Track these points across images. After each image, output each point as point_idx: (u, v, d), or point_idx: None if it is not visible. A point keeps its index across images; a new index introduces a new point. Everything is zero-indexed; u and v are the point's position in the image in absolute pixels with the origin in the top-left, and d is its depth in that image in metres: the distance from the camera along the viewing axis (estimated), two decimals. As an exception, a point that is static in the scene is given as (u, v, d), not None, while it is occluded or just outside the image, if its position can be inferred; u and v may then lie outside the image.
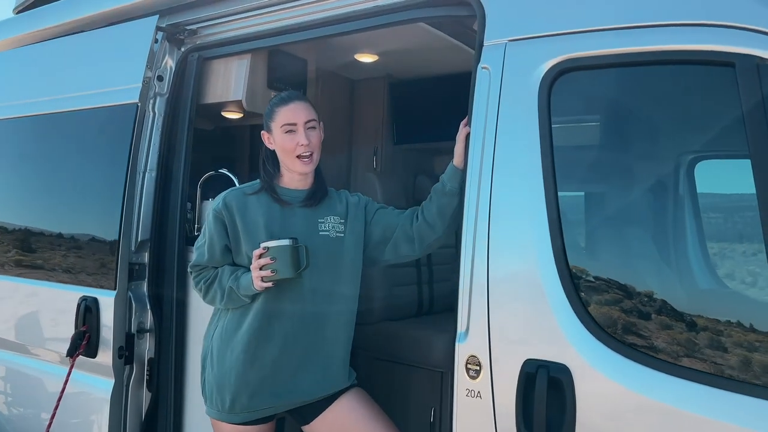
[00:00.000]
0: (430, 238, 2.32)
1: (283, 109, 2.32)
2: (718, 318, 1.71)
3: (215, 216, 2.31)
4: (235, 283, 2.24)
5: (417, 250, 2.36)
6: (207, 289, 2.34)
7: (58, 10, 3.48)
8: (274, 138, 2.34)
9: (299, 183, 2.38)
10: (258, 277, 2.17)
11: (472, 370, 1.93)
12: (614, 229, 1.97)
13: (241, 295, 2.25)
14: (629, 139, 1.99)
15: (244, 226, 2.29)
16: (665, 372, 1.67)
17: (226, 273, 2.30)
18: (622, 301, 1.80)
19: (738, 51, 1.61)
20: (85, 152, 3.12)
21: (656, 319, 1.75)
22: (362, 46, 3.68)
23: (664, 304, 1.80)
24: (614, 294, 1.82)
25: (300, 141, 2.27)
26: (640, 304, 1.79)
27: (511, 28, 2.00)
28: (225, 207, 2.30)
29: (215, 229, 2.31)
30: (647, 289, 1.84)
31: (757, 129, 1.57)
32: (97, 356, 2.91)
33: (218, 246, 2.32)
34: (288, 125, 2.29)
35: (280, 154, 2.34)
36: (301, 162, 2.29)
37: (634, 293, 1.82)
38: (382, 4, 2.45)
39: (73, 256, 3.15)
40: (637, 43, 1.76)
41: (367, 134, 4.39)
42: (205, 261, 2.34)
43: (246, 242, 2.29)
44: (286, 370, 2.29)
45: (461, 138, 2.21)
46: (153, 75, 3.00)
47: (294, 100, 2.35)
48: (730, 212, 2.12)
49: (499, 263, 1.91)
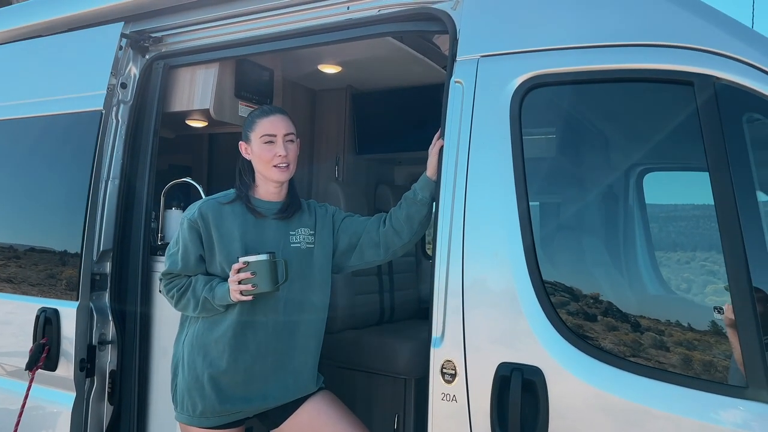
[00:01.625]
0: (396, 244, 2.40)
1: (264, 121, 2.36)
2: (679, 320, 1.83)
3: (190, 225, 2.31)
4: (210, 293, 2.25)
5: (382, 256, 2.44)
6: (179, 298, 2.33)
7: (20, 12, 3.38)
8: (252, 148, 2.37)
9: (274, 195, 2.41)
10: (236, 290, 2.19)
11: (448, 374, 1.98)
12: (582, 236, 2.07)
13: (215, 306, 2.27)
14: (596, 151, 2.10)
15: (219, 237, 2.30)
16: (631, 371, 1.77)
17: (200, 282, 2.30)
18: (590, 305, 1.89)
19: (696, 71, 1.74)
20: (48, 160, 3.04)
21: (621, 322, 1.85)
22: (326, 57, 3.72)
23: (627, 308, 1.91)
24: (583, 298, 1.91)
25: (278, 152, 2.31)
26: (607, 308, 1.89)
27: (484, 45, 2.08)
28: (201, 217, 2.31)
29: (190, 239, 2.31)
30: (613, 293, 1.94)
31: (714, 142, 1.69)
32: (57, 369, 2.83)
33: (193, 255, 2.32)
34: (267, 136, 2.33)
35: (257, 163, 2.36)
36: (277, 170, 2.32)
37: (600, 297, 1.91)
38: (354, 17, 2.49)
39: (30, 266, 3.06)
40: (603, 61, 1.87)
41: (329, 144, 4.43)
42: (179, 269, 2.33)
43: (221, 253, 2.30)
44: (258, 377, 2.33)
45: (435, 151, 2.28)
46: (117, 82, 2.96)
47: (275, 113, 2.40)
48: (680, 222, 2.26)
49: (473, 270, 1.97)
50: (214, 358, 2.29)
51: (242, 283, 2.17)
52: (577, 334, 1.83)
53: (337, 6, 2.54)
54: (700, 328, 1.81)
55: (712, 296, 1.83)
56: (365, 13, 2.48)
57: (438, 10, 2.27)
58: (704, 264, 2.00)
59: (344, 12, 2.52)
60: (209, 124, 3.32)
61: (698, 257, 2.08)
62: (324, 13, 2.57)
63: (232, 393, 2.30)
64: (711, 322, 1.76)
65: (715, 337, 1.76)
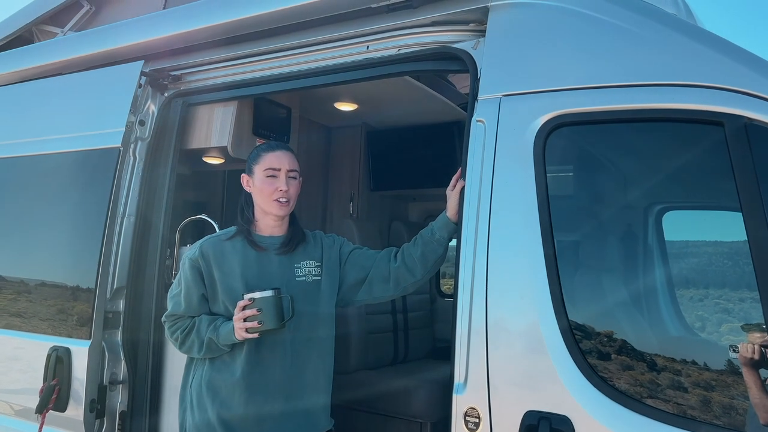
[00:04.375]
0: (408, 281, 2.36)
1: (270, 155, 2.35)
2: (714, 365, 1.76)
3: (192, 265, 2.28)
4: (215, 333, 2.21)
5: (392, 291, 2.40)
6: (184, 339, 2.28)
7: (42, 51, 3.42)
8: (254, 181, 2.35)
9: (275, 229, 2.37)
10: (241, 328, 2.14)
11: (471, 422, 1.91)
12: (611, 278, 2.01)
13: (221, 346, 2.22)
14: (620, 191, 2.06)
15: (221, 274, 2.27)
16: (665, 422, 1.69)
17: (204, 323, 2.25)
18: (619, 349, 1.82)
19: (727, 111, 1.70)
20: (64, 196, 3.03)
21: (652, 367, 1.78)
22: (343, 95, 3.74)
23: (657, 352, 1.84)
24: (611, 342, 1.84)
25: (279, 186, 2.29)
26: (636, 353, 1.82)
27: (506, 84, 2.07)
28: (201, 255, 2.28)
29: (192, 278, 2.27)
30: (643, 337, 1.87)
31: (748, 182, 1.65)
32: (66, 410, 2.76)
33: (195, 295, 2.28)
34: (271, 169, 2.31)
35: (258, 196, 2.34)
36: (278, 204, 2.30)
37: (630, 343, 1.85)
38: (373, 57, 2.50)
39: (42, 302, 3.03)
40: (629, 101, 1.84)
41: (344, 181, 4.42)
42: (182, 311, 2.29)
43: (223, 291, 2.27)
44: (270, 417, 2.26)
45: (456, 192, 2.24)
46: (135, 119, 2.97)
47: (281, 148, 2.39)
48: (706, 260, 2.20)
49: (497, 313, 1.92)
50: (225, 399, 2.23)
51: (248, 321, 2.12)
52: (606, 381, 1.76)
53: (356, 45, 2.55)
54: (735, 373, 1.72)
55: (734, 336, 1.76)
56: (385, 53, 2.48)
57: (459, 50, 2.27)
58: (719, 302, 1.93)
59: (364, 51, 2.53)
60: (226, 161, 3.32)
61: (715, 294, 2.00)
62: (343, 52, 2.58)
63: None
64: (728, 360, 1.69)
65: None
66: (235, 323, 2.15)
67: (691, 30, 1.89)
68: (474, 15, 2.26)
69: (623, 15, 1.94)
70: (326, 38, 2.61)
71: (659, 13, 1.96)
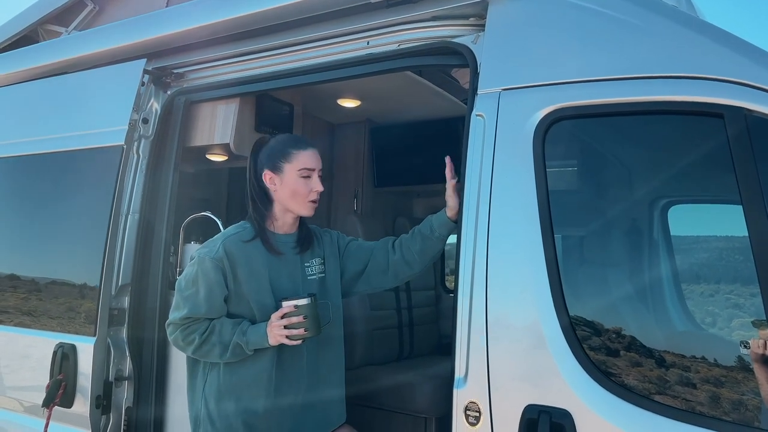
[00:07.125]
0: (406, 273, 2.40)
1: (303, 154, 2.28)
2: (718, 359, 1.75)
3: (215, 265, 2.17)
4: (243, 338, 2.14)
5: (390, 282, 2.42)
6: (201, 344, 2.17)
7: (45, 50, 3.44)
8: (284, 179, 2.26)
9: (290, 227, 2.36)
10: (282, 334, 2.11)
11: (472, 416, 1.91)
12: (612, 272, 2.00)
13: (248, 350, 2.17)
14: (621, 184, 2.05)
15: (248, 276, 2.20)
16: (666, 416, 1.68)
17: (227, 326, 2.18)
18: (620, 343, 1.82)
19: (726, 102, 1.69)
20: (69, 194, 3.05)
21: (654, 361, 1.78)
22: (345, 91, 3.73)
23: (659, 347, 1.84)
24: (612, 336, 1.84)
25: (315, 187, 2.26)
26: (638, 347, 1.81)
27: (505, 78, 2.06)
28: (226, 255, 2.18)
29: (215, 279, 2.17)
30: (644, 331, 1.87)
31: (748, 175, 1.64)
32: (72, 406, 2.79)
33: (219, 297, 2.19)
34: (307, 170, 2.26)
35: (287, 196, 2.26)
36: (312, 205, 2.28)
37: (630, 336, 1.84)
38: (374, 53, 2.50)
39: (49, 300, 3.05)
40: (629, 93, 1.83)
41: (348, 177, 4.42)
42: (203, 313, 2.17)
43: (250, 293, 2.20)
44: (290, 416, 2.27)
45: (452, 192, 2.24)
46: (139, 117, 2.98)
47: (312, 146, 2.33)
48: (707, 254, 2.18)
49: (497, 308, 1.91)
50: (249, 402, 2.19)
51: (291, 327, 2.10)
52: (607, 375, 1.75)
53: (357, 41, 2.55)
54: (738, 367, 1.72)
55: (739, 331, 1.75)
56: (385, 48, 2.48)
57: (458, 44, 2.26)
58: (729, 297, 1.92)
59: (364, 47, 2.53)
60: (229, 158, 3.33)
61: (722, 290, 1.99)
62: (344, 48, 2.58)
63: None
64: (738, 357, 1.68)
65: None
66: (274, 330, 2.11)
67: (690, 21, 1.88)
68: (474, 9, 2.26)
69: (622, 7, 1.92)
70: (327, 34, 2.62)
71: (659, 4, 1.95)
